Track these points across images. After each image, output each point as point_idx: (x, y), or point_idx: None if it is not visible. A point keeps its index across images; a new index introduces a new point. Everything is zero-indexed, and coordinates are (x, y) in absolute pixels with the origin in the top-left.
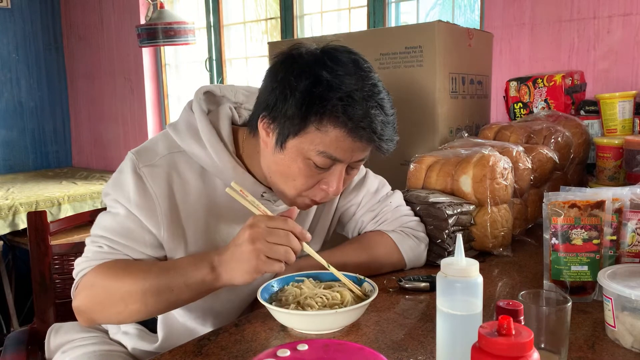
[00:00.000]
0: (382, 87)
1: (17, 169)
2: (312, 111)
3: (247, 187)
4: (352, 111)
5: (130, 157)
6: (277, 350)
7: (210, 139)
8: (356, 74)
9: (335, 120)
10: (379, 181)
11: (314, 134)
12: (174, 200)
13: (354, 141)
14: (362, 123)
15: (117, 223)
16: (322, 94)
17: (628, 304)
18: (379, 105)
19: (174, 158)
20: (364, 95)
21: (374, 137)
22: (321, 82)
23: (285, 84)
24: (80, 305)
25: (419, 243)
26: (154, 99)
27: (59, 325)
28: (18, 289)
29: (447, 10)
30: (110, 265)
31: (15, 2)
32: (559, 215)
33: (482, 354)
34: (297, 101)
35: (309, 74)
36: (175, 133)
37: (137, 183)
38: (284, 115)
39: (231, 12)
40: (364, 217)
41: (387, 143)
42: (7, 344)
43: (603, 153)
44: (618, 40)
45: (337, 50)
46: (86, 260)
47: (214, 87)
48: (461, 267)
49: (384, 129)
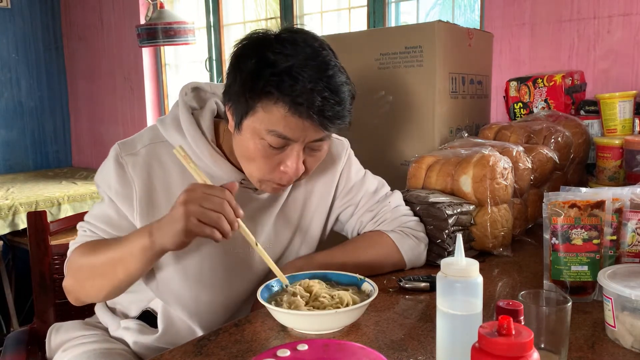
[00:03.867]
0: (335, 65)
1: (17, 169)
2: (250, 89)
3: (226, 174)
4: (288, 87)
5: (114, 148)
6: (277, 350)
7: (189, 128)
8: (303, 52)
9: (272, 97)
10: (377, 181)
11: (261, 113)
12: (153, 188)
13: (296, 118)
14: (299, 99)
15: (101, 210)
16: (259, 71)
17: (628, 304)
18: (324, 82)
19: (156, 148)
20: (307, 72)
21: (312, 114)
22: (263, 61)
23: (235, 66)
24: (66, 285)
25: (419, 243)
26: (154, 99)
27: (60, 324)
28: (18, 289)
29: (447, 10)
30: (84, 245)
31: (15, 2)
32: (559, 215)
33: (482, 354)
34: (241, 81)
35: (254, 54)
36: (161, 125)
37: (117, 171)
38: (235, 96)
39: (231, 12)
40: (363, 218)
41: (332, 121)
42: (7, 344)
43: (603, 153)
44: (618, 40)
45: (290, 31)
46: (73, 243)
47: (205, 84)
48: (461, 267)
49: (325, 105)
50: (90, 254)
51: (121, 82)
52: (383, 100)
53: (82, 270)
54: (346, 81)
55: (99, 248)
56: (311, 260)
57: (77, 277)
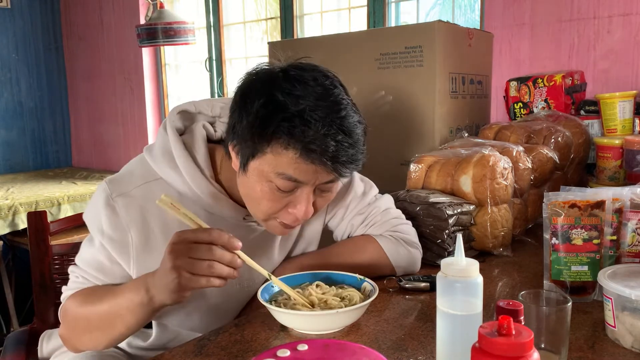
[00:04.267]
0: (347, 104)
1: (17, 169)
2: (259, 134)
3: (227, 212)
4: (299, 132)
5: (103, 187)
6: (277, 350)
7: (186, 166)
8: (314, 92)
9: (282, 142)
10: (365, 184)
11: (269, 156)
12: (150, 231)
13: (307, 164)
14: (312, 145)
15: (91, 255)
16: (269, 115)
17: (628, 304)
18: (337, 124)
19: (150, 187)
20: (319, 115)
21: (325, 160)
22: (272, 103)
23: (241, 106)
24: (63, 334)
25: (410, 249)
26: (154, 99)
27: (51, 331)
28: (18, 289)
29: (447, 10)
30: (78, 294)
31: (15, 2)
32: (559, 215)
33: (482, 354)
34: (249, 123)
35: (262, 94)
36: (151, 159)
37: (109, 215)
38: (242, 137)
39: (231, 12)
40: (353, 221)
41: (345, 166)
42: (7, 344)
43: (603, 153)
44: (618, 40)
45: (298, 69)
46: (66, 289)
47: (189, 104)
48: (461, 267)
49: (339, 150)
50: (84, 305)
51: (121, 82)
52: (383, 100)
53: (77, 323)
54: (359, 120)
55: (93, 299)
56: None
57: (73, 329)
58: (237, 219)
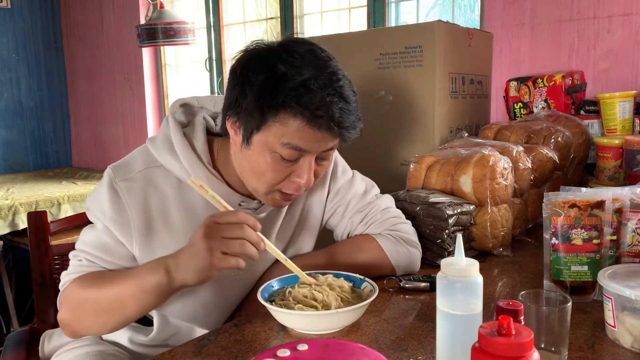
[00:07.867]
0: (342, 75)
1: (17, 169)
2: (268, 104)
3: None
4: (307, 100)
5: (107, 172)
6: (277, 350)
7: (184, 152)
8: (313, 64)
9: (291, 111)
10: (366, 183)
11: (276, 127)
12: (151, 215)
13: (314, 130)
14: (319, 111)
15: (95, 237)
16: (276, 85)
17: (628, 304)
18: (338, 92)
19: (151, 173)
20: (321, 84)
21: (332, 125)
22: (276, 74)
23: (244, 80)
24: (63, 319)
25: (410, 249)
26: (154, 99)
27: (52, 331)
28: (18, 289)
29: (447, 10)
30: (84, 278)
31: (15, 2)
32: (559, 215)
33: (482, 354)
34: (254, 95)
35: (265, 67)
36: (153, 147)
37: (112, 198)
38: (246, 111)
39: (231, 12)
40: (353, 218)
41: (349, 131)
42: (7, 344)
43: (603, 153)
44: (618, 40)
45: (294, 42)
46: (67, 274)
47: (191, 99)
48: (461, 267)
49: (343, 116)
50: (92, 288)
51: (121, 82)
52: (383, 100)
53: (84, 305)
54: (354, 90)
55: (102, 282)
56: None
57: (76, 312)
58: (233, 205)
